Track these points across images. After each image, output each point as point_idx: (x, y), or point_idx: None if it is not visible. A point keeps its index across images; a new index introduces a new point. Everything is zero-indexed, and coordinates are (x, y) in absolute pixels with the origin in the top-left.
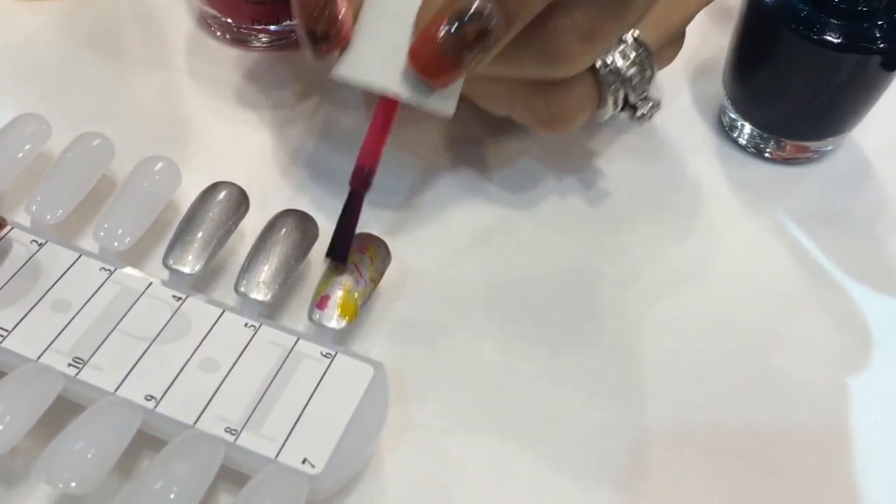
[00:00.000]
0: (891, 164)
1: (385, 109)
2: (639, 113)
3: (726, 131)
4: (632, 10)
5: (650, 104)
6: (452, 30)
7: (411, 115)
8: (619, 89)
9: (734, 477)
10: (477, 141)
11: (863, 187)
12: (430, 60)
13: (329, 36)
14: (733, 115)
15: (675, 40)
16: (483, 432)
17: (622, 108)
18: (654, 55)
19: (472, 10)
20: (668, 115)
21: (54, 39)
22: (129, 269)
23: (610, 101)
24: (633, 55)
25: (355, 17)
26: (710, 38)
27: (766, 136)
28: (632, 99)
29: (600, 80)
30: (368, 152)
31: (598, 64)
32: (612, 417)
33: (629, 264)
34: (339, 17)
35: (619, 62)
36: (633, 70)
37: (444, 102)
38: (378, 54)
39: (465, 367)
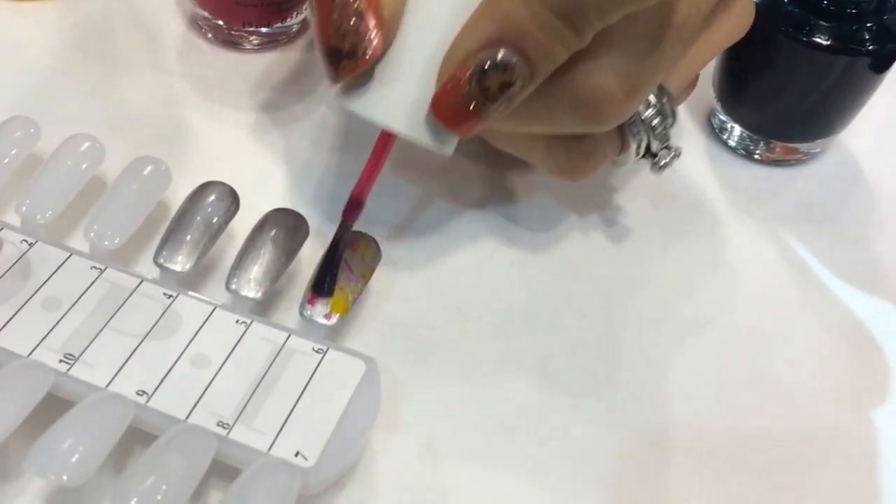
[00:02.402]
0: (879, 165)
1: (383, 143)
2: (661, 162)
3: (716, 133)
4: (667, 57)
5: (672, 153)
6: (476, 81)
7: None
8: (643, 138)
9: (722, 479)
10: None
11: (851, 189)
12: (452, 110)
13: (356, 54)
14: (723, 117)
15: (690, 84)
16: (472, 432)
17: (643, 156)
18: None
19: (496, 62)
20: None
21: (44, 41)
22: (119, 268)
23: (633, 149)
24: (655, 102)
25: (387, 31)
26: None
27: (755, 137)
28: (654, 147)
29: (625, 129)
30: (363, 187)
31: None
32: (601, 419)
33: (616, 265)
34: (370, 33)
35: (643, 110)
36: (657, 118)
37: (446, 145)
38: (381, 87)
39: (455, 367)
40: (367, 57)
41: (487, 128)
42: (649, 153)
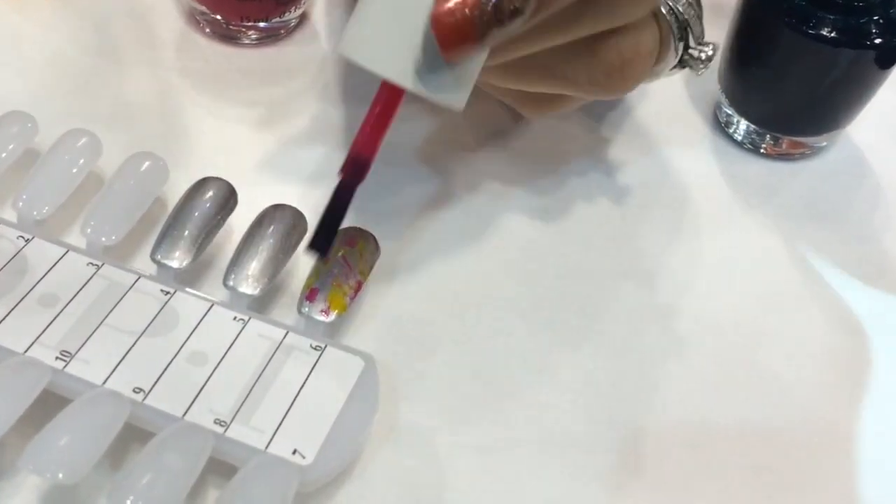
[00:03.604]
0: (885, 160)
1: (387, 97)
2: (703, 55)
3: (722, 127)
4: None
5: (710, 45)
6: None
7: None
8: (679, 34)
9: (723, 475)
10: (469, 138)
11: (858, 184)
12: (455, 26)
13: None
14: (729, 111)
15: None
16: (472, 429)
17: (681, 58)
18: None
19: None
20: (664, 111)
21: (42, 36)
22: (116, 264)
23: (672, 47)
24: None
25: None
26: (705, 33)
27: (761, 131)
28: (692, 42)
29: (662, 24)
30: (365, 142)
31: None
32: (601, 416)
33: (621, 260)
34: None
35: (676, 5)
36: (690, 11)
37: (455, 95)
38: (385, 35)
39: (454, 364)
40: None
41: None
42: (687, 52)
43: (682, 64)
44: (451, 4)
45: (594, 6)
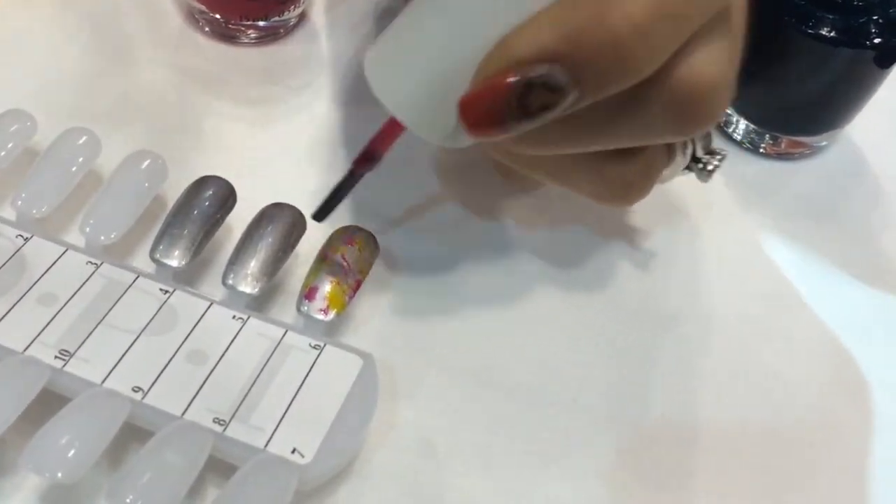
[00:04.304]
0: (885, 159)
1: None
2: (709, 167)
3: (721, 126)
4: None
5: (718, 156)
6: (518, 93)
7: None
8: (688, 145)
9: (724, 474)
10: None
11: (857, 183)
12: (480, 115)
13: None
14: (728, 111)
15: None
16: (471, 428)
17: (688, 165)
18: None
19: (548, 80)
20: None
21: (41, 34)
22: (115, 263)
23: (679, 159)
24: None
25: None
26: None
27: (760, 131)
28: (699, 153)
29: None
30: (380, 141)
31: None
32: (601, 414)
33: (617, 259)
34: None
35: None
36: None
37: (457, 143)
38: (411, 76)
39: (453, 363)
40: None
41: (527, 147)
42: (694, 160)
43: (688, 169)
44: (480, 90)
45: (618, 126)
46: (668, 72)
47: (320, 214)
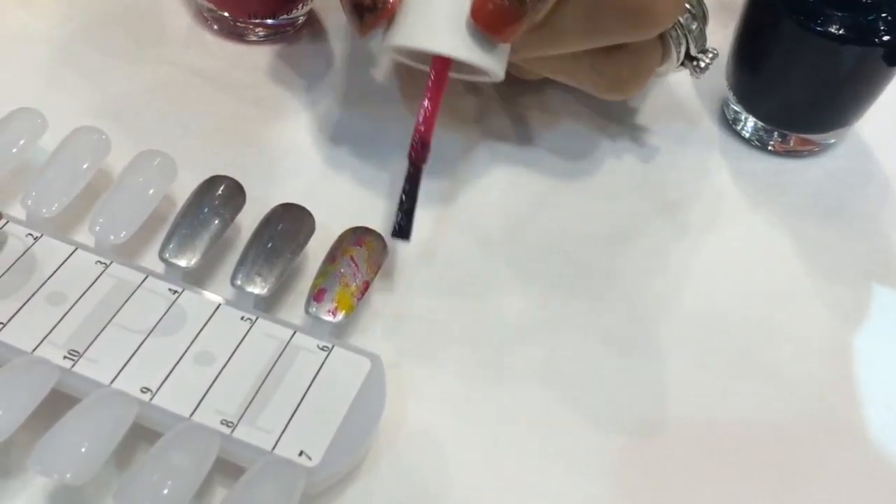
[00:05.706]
0: (893, 157)
1: (437, 78)
2: (702, 64)
3: (729, 124)
4: None
5: (710, 54)
6: None
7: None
8: (682, 43)
9: (728, 471)
10: (477, 137)
11: (866, 181)
12: (493, 13)
13: (377, 7)
14: (736, 108)
15: None
16: (479, 429)
17: (682, 62)
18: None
19: None
20: (671, 109)
21: (50, 33)
22: (124, 263)
23: (674, 56)
24: (690, 7)
25: None
26: (713, 30)
27: (769, 128)
28: (693, 51)
29: (665, 36)
30: (427, 127)
31: None
32: (606, 411)
33: (625, 255)
34: None
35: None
36: (693, 22)
37: (496, 65)
38: (428, 20)
39: (461, 365)
40: (388, 6)
41: (530, 51)
42: (688, 58)
43: (682, 66)
44: None
45: (590, 31)
46: None
47: (403, 231)
